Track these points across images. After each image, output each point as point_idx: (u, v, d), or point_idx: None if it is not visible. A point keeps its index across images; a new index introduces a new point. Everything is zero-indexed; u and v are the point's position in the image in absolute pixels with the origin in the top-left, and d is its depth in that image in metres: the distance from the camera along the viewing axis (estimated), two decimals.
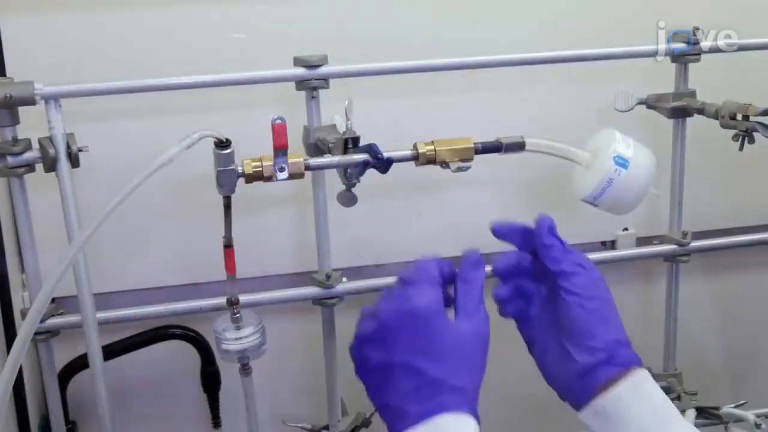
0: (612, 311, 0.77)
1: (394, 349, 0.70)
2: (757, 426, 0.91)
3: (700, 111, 1.12)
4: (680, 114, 1.16)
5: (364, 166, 0.88)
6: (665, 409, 0.74)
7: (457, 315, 0.73)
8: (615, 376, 0.74)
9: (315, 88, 1.00)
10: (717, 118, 1.09)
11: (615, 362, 0.74)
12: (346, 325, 1.23)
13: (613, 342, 0.75)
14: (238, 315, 0.93)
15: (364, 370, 0.71)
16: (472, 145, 0.89)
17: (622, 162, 0.87)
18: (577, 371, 0.75)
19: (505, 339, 0.80)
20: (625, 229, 1.34)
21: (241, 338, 0.92)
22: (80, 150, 0.92)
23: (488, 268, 0.76)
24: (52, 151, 0.91)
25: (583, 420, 0.76)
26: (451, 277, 0.75)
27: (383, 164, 0.87)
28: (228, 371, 1.20)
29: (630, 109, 1.14)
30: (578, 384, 0.75)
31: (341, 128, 0.92)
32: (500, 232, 0.80)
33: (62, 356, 1.13)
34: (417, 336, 0.70)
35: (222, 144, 0.80)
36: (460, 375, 0.70)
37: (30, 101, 0.90)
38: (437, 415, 0.67)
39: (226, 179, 0.83)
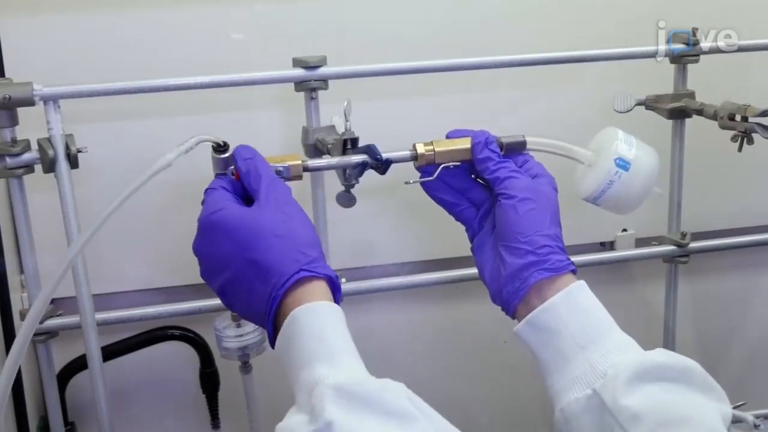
0: (547, 216, 0.78)
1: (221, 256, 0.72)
2: (756, 427, 0.90)
3: (699, 112, 1.12)
4: (679, 115, 1.16)
5: (363, 167, 0.87)
6: (600, 319, 0.74)
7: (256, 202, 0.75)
8: (546, 280, 0.75)
9: (314, 89, 1.00)
10: (716, 119, 1.09)
11: (545, 267, 0.75)
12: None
13: (543, 246, 0.76)
14: None
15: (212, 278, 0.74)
16: (470, 146, 0.89)
17: (623, 164, 0.87)
18: (507, 274, 0.76)
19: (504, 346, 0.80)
20: (624, 230, 1.34)
21: (241, 336, 0.93)
22: (79, 151, 0.92)
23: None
24: (50, 152, 0.91)
25: (518, 335, 0.76)
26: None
27: (382, 165, 0.87)
28: (227, 372, 1.20)
29: (629, 110, 1.14)
30: (509, 286, 0.76)
31: (340, 129, 0.91)
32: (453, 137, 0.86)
33: (61, 357, 1.14)
34: (229, 239, 0.71)
35: (220, 148, 0.79)
36: (277, 249, 0.70)
37: (29, 102, 0.90)
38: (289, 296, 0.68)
39: None
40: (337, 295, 0.72)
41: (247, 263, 0.70)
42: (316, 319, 0.67)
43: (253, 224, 0.71)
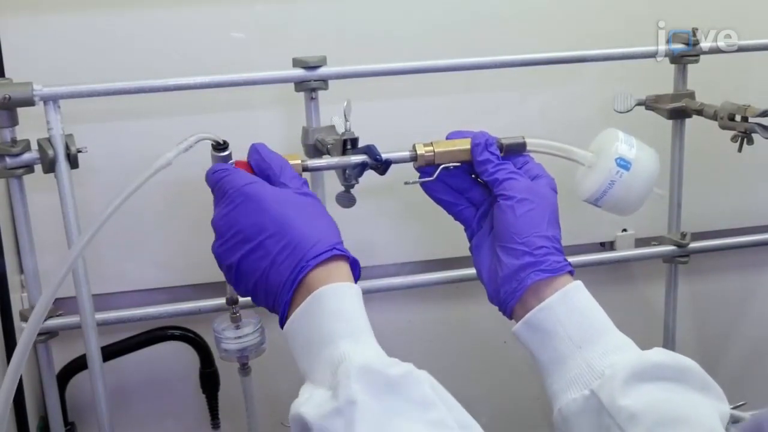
0: (545, 217, 0.78)
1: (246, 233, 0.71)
2: None
3: (699, 112, 1.12)
4: (679, 115, 1.16)
5: (363, 167, 0.87)
6: (597, 319, 0.75)
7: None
8: (543, 281, 0.75)
9: (314, 89, 1.00)
10: (716, 119, 1.09)
11: (542, 268, 0.75)
12: None
13: (540, 247, 0.76)
14: (237, 314, 0.93)
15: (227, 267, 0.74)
16: (470, 147, 0.89)
17: (624, 164, 0.87)
18: (504, 274, 0.77)
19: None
20: (624, 230, 1.34)
21: (240, 337, 0.93)
22: (79, 151, 0.92)
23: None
24: (50, 152, 0.91)
25: (517, 335, 0.77)
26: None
27: (382, 166, 0.87)
28: (227, 372, 1.20)
29: (629, 110, 1.14)
30: (506, 287, 0.77)
31: (340, 129, 0.91)
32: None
33: (61, 357, 1.14)
34: (260, 212, 0.71)
35: (219, 146, 0.79)
36: (312, 226, 0.71)
37: (29, 102, 0.90)
38: (309, 273, 0.68)
39: None
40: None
41: (280, 234, 0.70)
42: (343, 298, 0.68)
43: (289, 199, 0.73)
